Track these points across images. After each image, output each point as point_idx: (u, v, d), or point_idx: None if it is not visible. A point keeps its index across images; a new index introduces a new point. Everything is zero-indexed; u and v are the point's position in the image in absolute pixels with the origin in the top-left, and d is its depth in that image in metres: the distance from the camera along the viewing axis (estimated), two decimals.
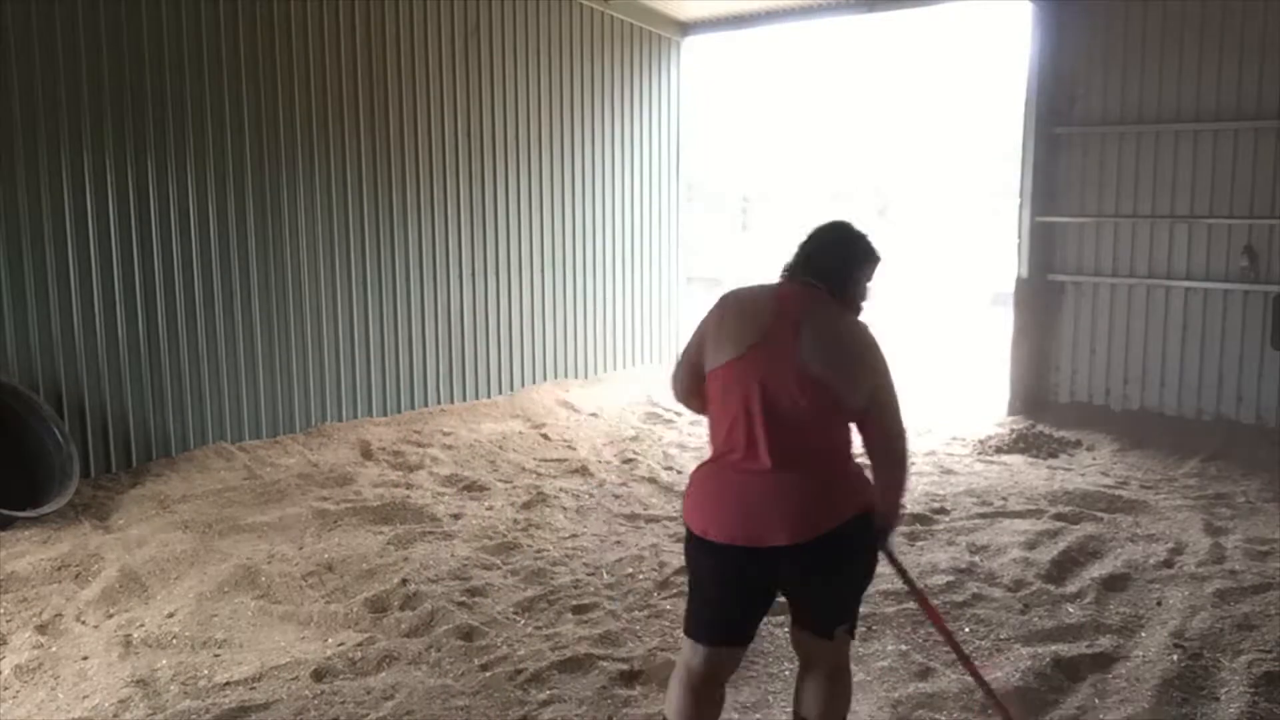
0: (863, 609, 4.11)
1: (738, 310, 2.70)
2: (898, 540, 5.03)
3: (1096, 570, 4.58)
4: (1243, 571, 4.55)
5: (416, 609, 4.22)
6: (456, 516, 5.49)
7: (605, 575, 4.60)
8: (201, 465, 6.36)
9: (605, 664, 3.69)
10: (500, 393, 8.68)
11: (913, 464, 4.72)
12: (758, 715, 3.33)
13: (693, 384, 2.77)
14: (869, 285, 2.83)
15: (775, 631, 3.91)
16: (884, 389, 2.68)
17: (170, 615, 4.17)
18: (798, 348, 2.58)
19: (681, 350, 2.81)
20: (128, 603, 4.35)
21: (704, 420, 2.76)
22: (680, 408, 8.29)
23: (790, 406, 2.56)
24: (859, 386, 2.62)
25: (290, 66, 6.97)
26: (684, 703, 2.71)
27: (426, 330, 8.07)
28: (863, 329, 2.74)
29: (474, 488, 6.07)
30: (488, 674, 3.60)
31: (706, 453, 2.73)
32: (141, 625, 4.08)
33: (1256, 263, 6.97)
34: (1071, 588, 4.39)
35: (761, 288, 2.77)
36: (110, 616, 4.21)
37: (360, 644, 3.86)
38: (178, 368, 6.54)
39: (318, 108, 7.16)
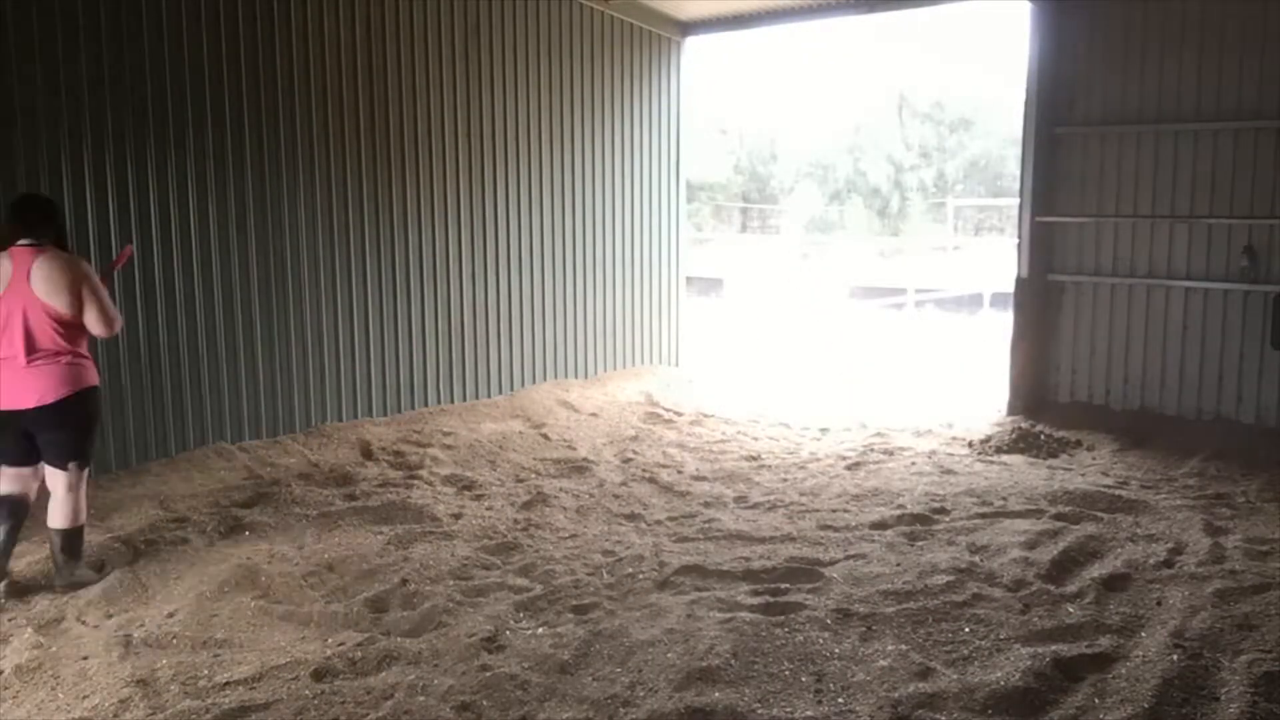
0: (861, 609, 4.13)
1: None
2: (901, 541, 5.04)
3: (1096, 570, 4.58)
4: (1243, 571, 4.55)
5: (416, 609, 4.23)
6: (456, 516, 5.49)
7: (605, 575, 4.61)
8: (201, 465, 6.36)
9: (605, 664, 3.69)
10: (500, 393, 8.69)
11: None
12: (770, 711, 3.33)
13: None
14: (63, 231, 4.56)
15: (775, 632, 3.91)
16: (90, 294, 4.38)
17: (170, 615, 4.17)
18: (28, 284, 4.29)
19: None
20: (128, 603, 4.35)
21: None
22: (682, 407, 8.34)
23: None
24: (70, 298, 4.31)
25: (290, 66, 6.97)
26: None
27: (426, 330, 8.07)
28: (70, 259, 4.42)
29: (474, 488, 6.07)
30: (488, 674, 3.60)
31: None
32: (141, 625, 4.08)
33: (1256, 263, 6.98)
34: (1071, 588, 4.39)
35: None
36: (110, 616, 4.21)
37: (360, 644, 3.86)
38: (177, 367, 6.53)
39: (318, 108, 7.16)
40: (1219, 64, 7.02)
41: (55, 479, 4.48)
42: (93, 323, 4.42)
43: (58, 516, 4.49)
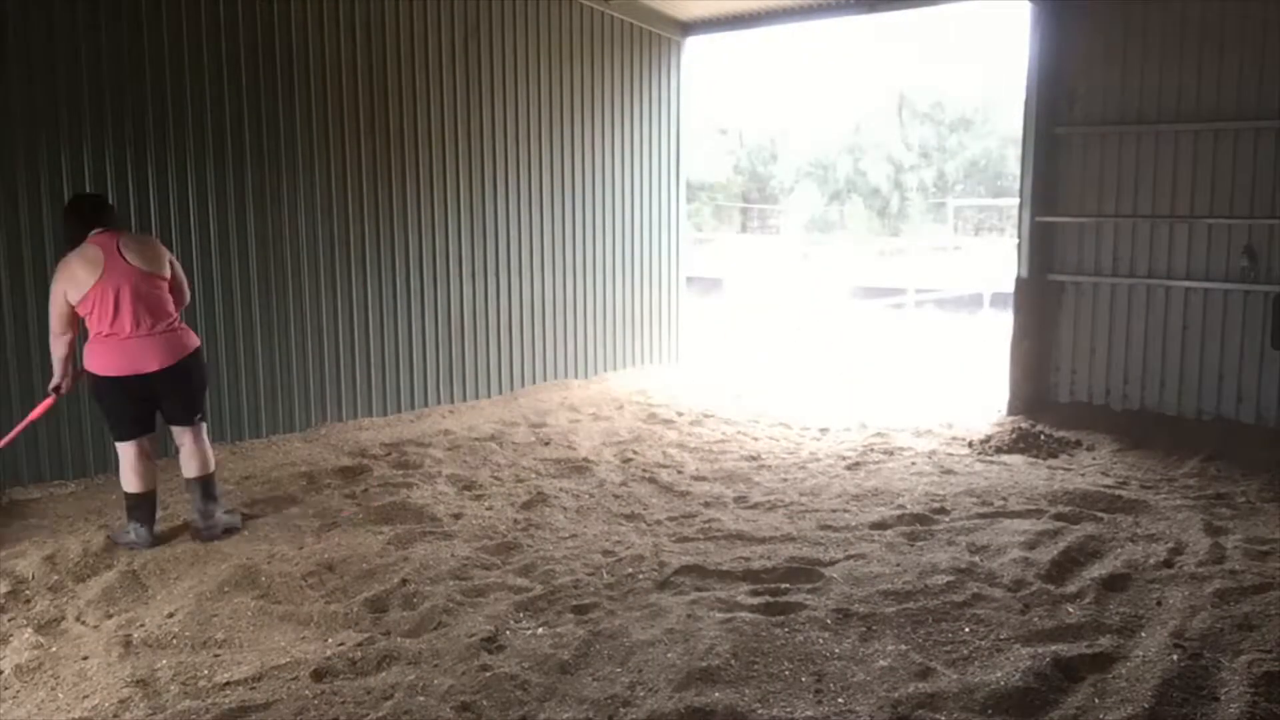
0: (861, 609, 4.13)
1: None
2: (901, 541, 5.03)
3: (1096, 570, 4.57)
4: (1243, 571, 4.55)
5: (416, 609, 4.22)
6: (456, 516, 5.49)
7: (605, 575, 4.60)
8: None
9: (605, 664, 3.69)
10: (500, 393, 8.69)
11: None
12: (770, 711, 3.33)
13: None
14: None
15: (775, 632, 3.91)
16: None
17: (170, 615, 4.17)
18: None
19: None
20: (128, 603, 4.35)
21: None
22: (682, 407, 8.34)
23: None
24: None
25: (290, 66, 6.98)
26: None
27: (426, 330, 8.08)
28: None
29: (474, 488, 6.07)
30: (488, 674, 3.60)
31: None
32: (141, 625, 4.08)
33: (1256, 263, 6.98)
34: (1071, 588, 4.38)
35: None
36: (110, 616, 4.21)
37: (360, 644, 3.86)
38: None
39: (318, 108, 7.16)
40: (1219, 64, 7.01)
41: (183, 435, 5.07)
42: (176, 289, 4.99)
43: (193, 465, 5.08)
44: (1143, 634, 3.92)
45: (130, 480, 4.95)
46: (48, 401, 5.03)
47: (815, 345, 12.51)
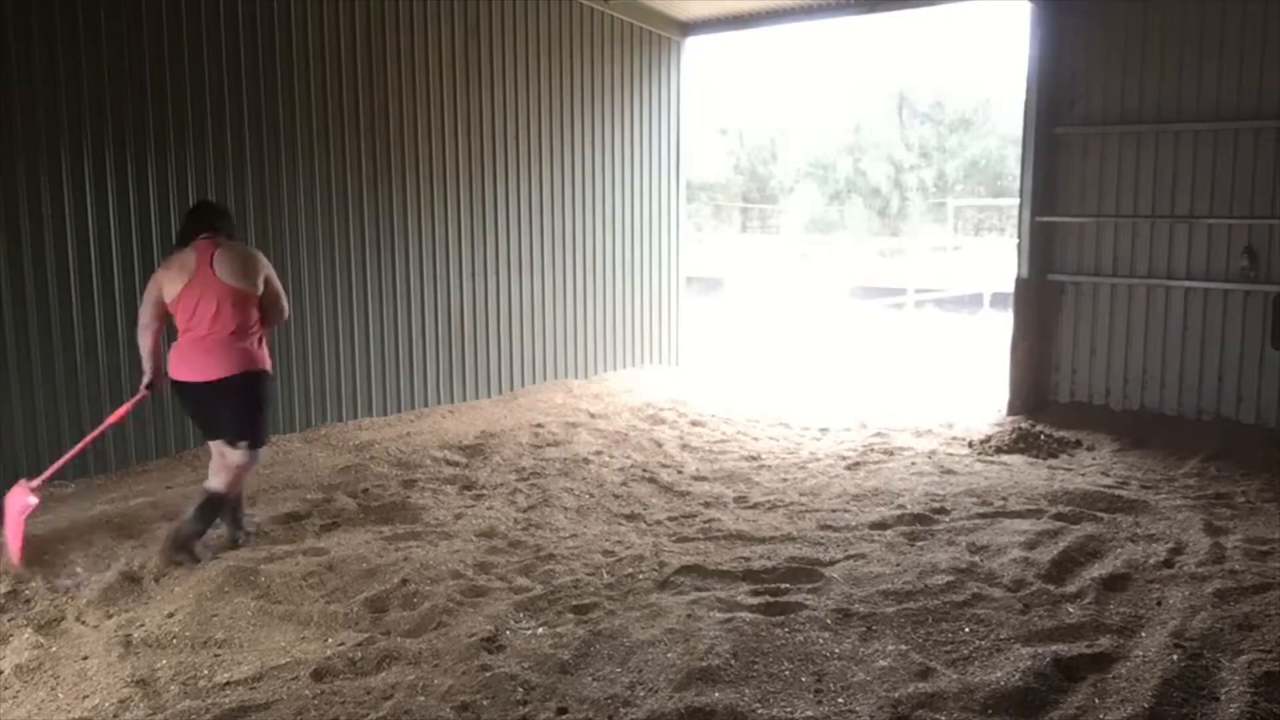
0: (861, 609, 4.13)
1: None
2: (901, 541, 5.03)
3: (1096, 570, 4.57)
4: (1243, 571, 4.55)
5: (416, 609, 4.22)
6: (457, 516, 5.49)
7: (605, 575, 4.60)
8: (201, 465, 6.35)
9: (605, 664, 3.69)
10: (500, 393, 8.69)
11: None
12: (770, 711, 3.33)
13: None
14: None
15: (775, 632, 3.91)
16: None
17: (170, 615, 4.17)
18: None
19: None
20: (128, 603, 4.35)
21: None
22: (682, 407, 8.34)
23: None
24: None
25: (290, 66, 6.98)
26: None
27: (426, 330, 8.08)
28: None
29: (474, 487, 6.07)
30: (488, 674, 3.60)
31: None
32: (141, 625, 4.08)
33: (1256, 263, 6.98)
34: (1071, 588, 4.38)
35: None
36: (110, 616, 4.21)
37: (360, 644, 3.86)
38: None
39: (318, 108, 7.16)
40: (1219, 64, 7.02)
41: (227, 453, 4.89)
42: (268, 305, 4.95)
43: (215, 479, 4.94)
44: (1143, 634, 3.92)
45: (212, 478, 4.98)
46: (138, 397, 5.02)
47: (815, 345, 12.51)
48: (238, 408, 4.81)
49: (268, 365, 4.93)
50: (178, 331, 4.84)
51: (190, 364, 4.78)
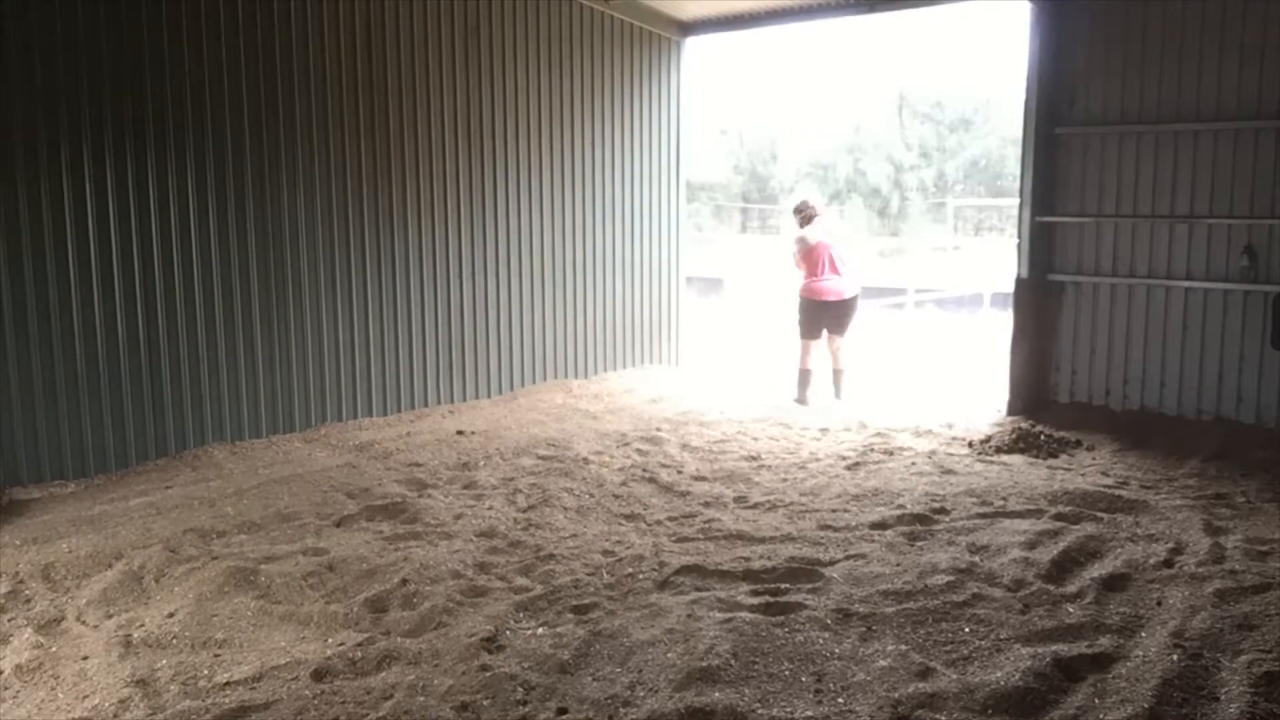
0: (861, 609, 4.13)
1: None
2: (901, 541, 5.03)
3: (1096, 570, 4.57)
4: (1243, 571, 4.55)
5: (416, 609, 4.22)
6: (457, 516, 5.49)
7: (605, 575, 4.60)
8: (201, 465, 6.36)
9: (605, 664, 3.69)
10: (500, 393, 8.69)
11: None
12: (770, 711, 3.33)
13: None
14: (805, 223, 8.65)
15: (775, 632, 3.91)
16: None
17: (170, 615, 4.17)
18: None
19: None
20: (128, 603, 4.35)
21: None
22: (682, 407, 8.34)
23: None
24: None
25: (290, 66, 6.98)
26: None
27: (426, 330, 8.08)
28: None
29: (474, 487, 6.07)
30: (488, 674, 3.60)
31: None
32: (141, 625, 4.08)
33: (1256, 263, 6.98)
34: (1071, 588, 4.38)
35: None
36: (110, 616, 4.21)
37: (360, 644, 3.86)
38: (177, 368, 6.54)
39: (318, 108, 7.16)
40: (1219, 64, 7.02)
41: (839, 343, 8.80)
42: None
43: (839, 359, 8.85)
44: (1143, 634, 3.92)
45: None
46: None
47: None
48: (851, 314, 8.83)
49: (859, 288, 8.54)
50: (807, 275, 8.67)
51: (830, 289, 8.67)
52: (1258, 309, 6.99)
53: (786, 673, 3.61)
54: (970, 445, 7.15)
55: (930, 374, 10.15)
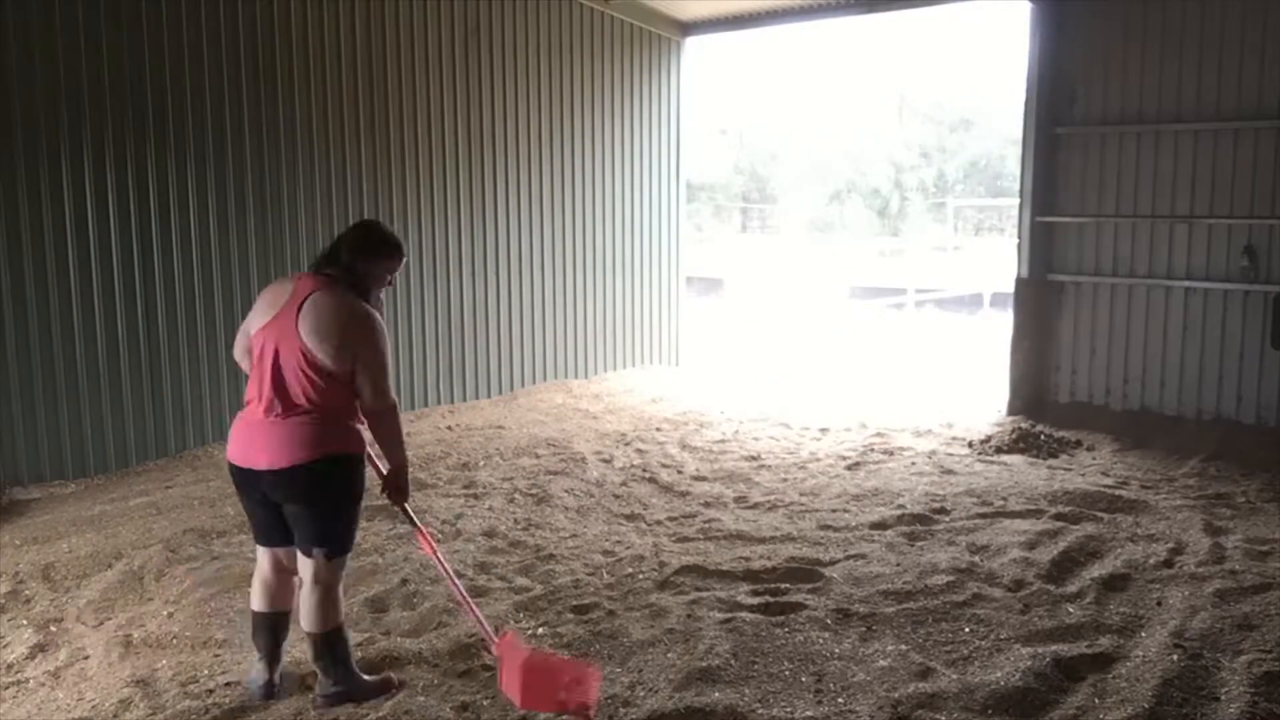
0: (861, 609, 4.13)
1: (271, 292, 3.46)
2: (901, 541, 5.03)
3: (1096, 570, 4.57)
4: (1243, 571, 4.55)
5: (416, 609, 4.22)
6: (457, 516, 5.49)
7: (605, 575, 4.60)
8: (201, 465, 6.35)
9: (606, 665, 3.69)
10: (500, 393, 8.69)
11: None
12: (770, 711, 3.33)
13: (244, 345, 3.48)
14: (383, 275, 3.51)
15: (775, 632, 3.91)
16: (365, 358, 3.35)
17: (170, 615, 4.17)
18: (295, 321, 3.31)
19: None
20: (127, 603, 4.35)
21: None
22: (681, 407, 8.34)
23: (292, 365, 3.32)
24: (341, 353, 3.31)
25: (290, 66, 6.98)
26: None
27: (426, 330, 8.08)
28: (356, 306, 3.38)
29: (474, 487, 6.07)
30: (488, 674, 3.60)
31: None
32: (141, 625, 4.08)
33: (1256, 263, 6.98)
34: (1071, 588, 4.38)
35: (290, 276, 3.50)
36: (110, 616, 4.21)
37: (360, 644, 3.86)
38: (177, 368, 6.54)
39: (318, 108, 7.16)
40: (1219, 64, 7.01)
41: (302, 566, 3.50)
42: (360, 388, 3.39)
43: (304, 615, 3.49)
44: (1143, 634, 3.92)
45: (252, 592, 3.63)
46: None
47: (815, 345, 12.51)
48: (311, 505, 3.45)
49: (353, 447, 3.52)
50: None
51: (239, 442, 3.43)
52: (1258, 309, 6.99)
53: (786, 673, 3.61)
54: (970, 445, 7.14)
55: (930, 374, 10.15)
